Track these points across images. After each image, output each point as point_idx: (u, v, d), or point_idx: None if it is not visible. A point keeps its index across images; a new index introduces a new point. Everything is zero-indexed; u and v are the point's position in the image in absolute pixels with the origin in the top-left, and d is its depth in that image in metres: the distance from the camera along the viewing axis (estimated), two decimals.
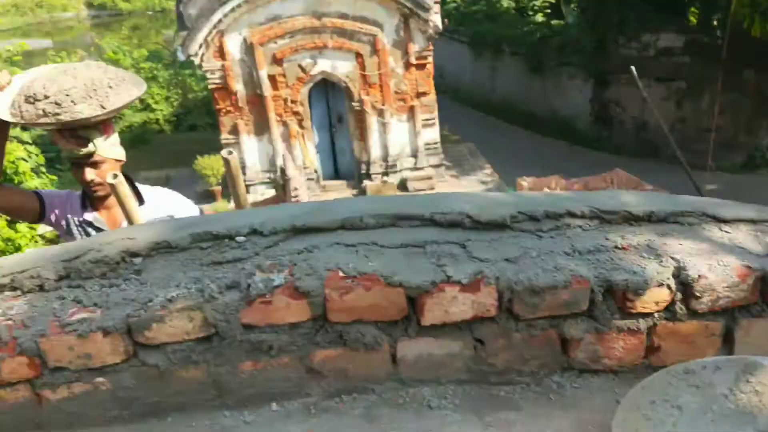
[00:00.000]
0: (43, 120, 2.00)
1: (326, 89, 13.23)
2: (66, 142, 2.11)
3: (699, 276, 1.25)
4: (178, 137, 19.03)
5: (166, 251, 1.31)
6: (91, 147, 2.13)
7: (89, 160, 2.16)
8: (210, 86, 12.86)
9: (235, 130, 13.05)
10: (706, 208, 1.43)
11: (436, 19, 12.30)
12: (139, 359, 1.24)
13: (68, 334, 1.20)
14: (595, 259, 1.29)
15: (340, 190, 13.73)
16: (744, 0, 11.56)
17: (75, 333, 1.20)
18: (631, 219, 1.40)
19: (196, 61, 12.32)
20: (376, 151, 13.37)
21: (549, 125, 17.46)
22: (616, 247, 1.32)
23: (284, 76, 12.53)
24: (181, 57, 20.23)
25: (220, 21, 11.94)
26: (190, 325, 1.21)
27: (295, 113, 12.91)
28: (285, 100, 12.77)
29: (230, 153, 2.06)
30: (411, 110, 13.25)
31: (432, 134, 13.65)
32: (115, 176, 1.95)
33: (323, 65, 12.60)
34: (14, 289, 1.30)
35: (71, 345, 1.21)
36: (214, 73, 12.47)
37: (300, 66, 12.49)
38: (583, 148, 16.21)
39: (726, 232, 1.39)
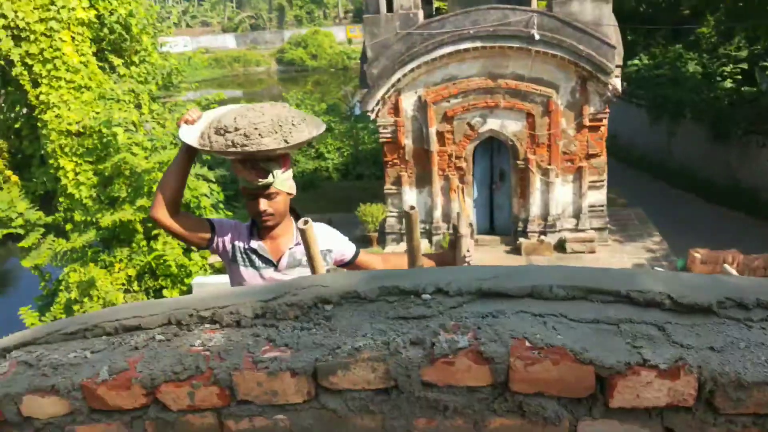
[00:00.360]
0: (231, 150, 2.15)
1: (491, 146, 13.28)
2: (248, 173, 2.24)
3: None
4: (344, 184, 20.04)
5: (355, 301, 1.35)
6: (270, 178, 2.24)
7: (265, 192, 2.28)
8: (381, 140, 13.43)
9: (398, 181, 13.49)
10: None
11: (615, 82, 11.93)
12: (319, 402, 1.28)
13: (259, 371, 1.26)
14: None
15: (493, 245, 13.62)
16: None
17: (266, 370, 1.25)
18: None
19: (372, 116, 12.98)
20: (535, 210, 13.12)
21: (730, 195, 16.11)
22: None
23: (452, 133, 12.80)
24: (357, 111, 21.34)
25: (398, 80, 12.53)
26: (372, 375, 1.23)
27: (458, 168, 13.09)
28: (450, 156, 13.01)
29: (412, 208, 2.11)
30: (579, 171, 12.88)
31: (598, 196, 13.15)
32: (306, 222, 2.06)
33: (492, 124, 12.69)
34: (214, 322, 1.40)
35: (260, 381, 1.27)
36: (386, 128, 13.04)
37: (469, 124, 12.69)
38: None
39: None
